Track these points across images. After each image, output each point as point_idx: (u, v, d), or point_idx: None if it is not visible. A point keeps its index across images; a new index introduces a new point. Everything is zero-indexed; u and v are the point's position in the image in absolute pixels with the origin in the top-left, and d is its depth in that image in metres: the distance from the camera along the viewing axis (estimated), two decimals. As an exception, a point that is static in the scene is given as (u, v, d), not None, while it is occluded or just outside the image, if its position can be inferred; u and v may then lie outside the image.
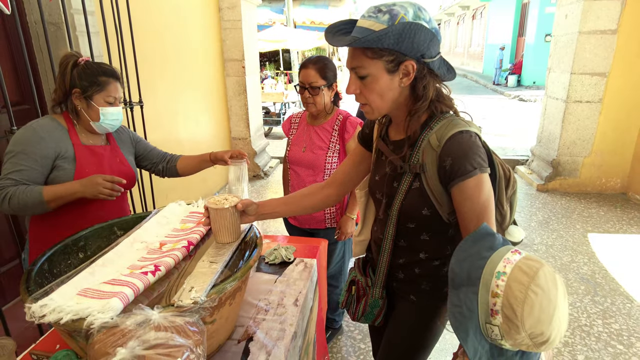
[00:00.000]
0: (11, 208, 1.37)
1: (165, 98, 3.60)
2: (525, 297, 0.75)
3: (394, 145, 1.15)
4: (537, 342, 0.77)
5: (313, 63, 1.85)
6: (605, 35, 4.25)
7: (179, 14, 3.78)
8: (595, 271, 3.08)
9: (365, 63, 0.99)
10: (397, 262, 1.21)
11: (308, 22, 13.74)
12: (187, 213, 1.34)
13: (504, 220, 1.15)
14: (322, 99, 1.86)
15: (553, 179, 4.78)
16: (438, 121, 1.05)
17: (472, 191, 0.99)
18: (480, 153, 1.00)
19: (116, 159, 1.67)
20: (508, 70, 15.57)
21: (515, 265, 0.80)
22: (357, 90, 1.04)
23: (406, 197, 1.09)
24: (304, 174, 1.98)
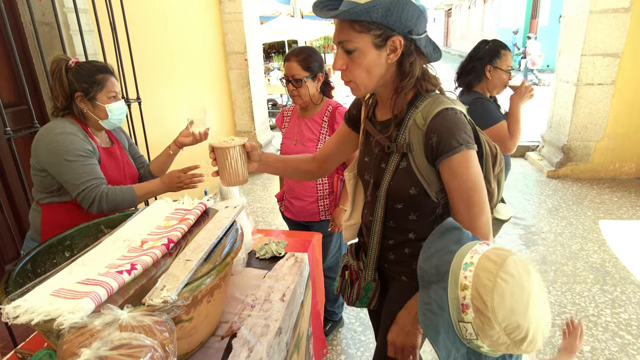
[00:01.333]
0: (107, 206, 1.49)
1: (165, 93, 3.60)
2: (494, 285, 0.70)
3: (380, 125, 1.15)
4: (515, 338, 0.71)
5: (295, 55, 1.82)
6: (618, 13, 4.09)
7: (177, 7, 3.77)
8: (605, 259, 3.00)
9: (353, 37, 0.97)
10: (387, 243, 1.21)
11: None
12: (172, 210, 1.34)
13: (492, 198, 1.15)
14: (306, 91, 1.84)
15: (564, 164, 4.67)
16: (423, 100, 1.05)
17: (459, 167, 0.99)
18: (466, 129, 1.00)
19: (124, 159, 1.72)
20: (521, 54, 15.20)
21: (482, 254, 0.76)
22: (344, 66, 1.02)
23: (393, 177, 1.09)
24: None
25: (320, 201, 2.00)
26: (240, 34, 4.68)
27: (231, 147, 1.09)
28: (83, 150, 1.48)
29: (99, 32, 2.26)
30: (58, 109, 1.54)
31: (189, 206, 1.33)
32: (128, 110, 2.53)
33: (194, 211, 1.27)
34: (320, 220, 2.03)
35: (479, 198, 1.02)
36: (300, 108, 1.99)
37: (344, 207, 1.95)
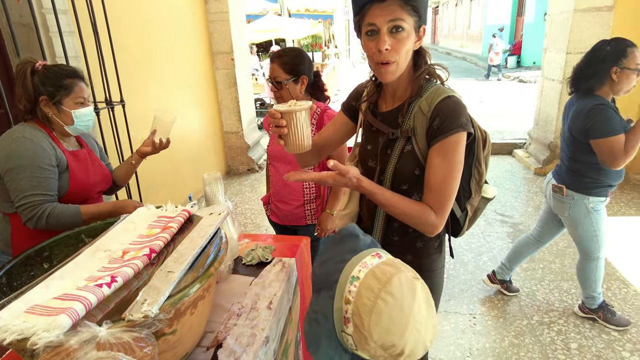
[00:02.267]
0: (48, 224, 1.42)
1: (150, 95, 3.55)
2: (373, 305, 0.69)
3: (382, 116, 1.23)
4: (392, 353, 0.70)
5: (277, 57, 1.78)
6: (602, 12, 4.13)
7: (162, 8, 3.71)
8: (591, 255, 3.03)
9: (405, 16, 1.03)
10: (392, 225, 1.27)
11: (303, 10, 13.55)
12: (155, 217, 1.30)
13: (481, 178, 1.26)
14: (287, 94, 1.79)
15: (551, 161, 4.71)
16: (426, 90, 1.14)
17: (449, 147, 1.08)
18: (465, 114, 1.10)
19: (95, 162, 1.67)
20: (507, 52, 15.35)
21: (370, 270, 0.74)
22: (390, 47, 1.05)
23: (399, 160, 1.17)
24: (282, 169, 1.94)
25: (306, 205, 1.98)
26: (227, 33, 4.63)
27: (298, 110, 1.05)
28: (41, 162, 1.42)
29: (80, 34, 2.21)
30: (21, 112, 1.49)
31: (172, 213, 1.29)
32: (111, 113, 2.50)
33: (177, 219, 1.24)
34: (306, 225, 2.01)
35: (452, 180, 1.10)
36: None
37: (331, 212, 1.93)
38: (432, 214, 1.11)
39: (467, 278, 2.84)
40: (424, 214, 1.11)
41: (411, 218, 1.13)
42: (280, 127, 1.09)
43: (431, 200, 1.11)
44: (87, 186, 1.59)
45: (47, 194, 1.43)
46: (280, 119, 1.07)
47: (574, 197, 2.14)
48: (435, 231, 1.14)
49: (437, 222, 1.12)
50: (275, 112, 1.08)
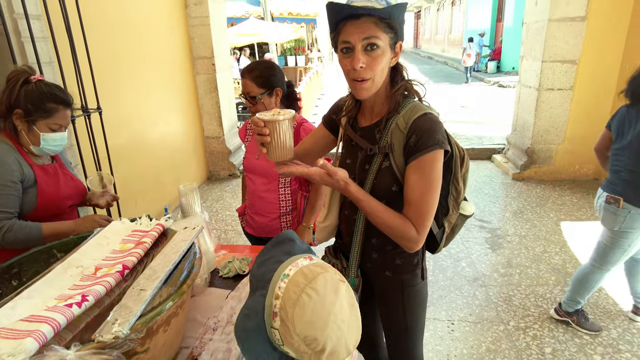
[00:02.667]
0: (4, 241, 1.38)
1: (129, 100, 3.50)
2: (297, 299, 0.74)
3: (362, 131, 1.24)
4: (314, 349, 0.74)
5: (248, 72, 1.77)
6: (575, 22, 4.26)
7: (140, 12, 3.67)
8: (566, 260, 3.11)
9: (380, 34, 1.04)
10: (370, 242, 1.28)
11: (285, 14, 13.55)
12: (129, 232, 1.29)
13: (459, 195, 1.27)
14: (263, 108, 1.78)
15: (528, 167, 4.82)
16: (404, 106, 1.15)
17: (426, 164, 1.09)
18: (441, 131, 1.11)
19: (67, 176, 1.64)
20: (488, 57, 15.64)
21: (299, 269, 0.79)
22: (364, 65, 1.06)
23: (377, 176, 1.17)
24: (258, 182, 1.93)
25: (282, 218, 1.98)
26: (207, 38, 4.59)
27: (281, 119, 1.05)
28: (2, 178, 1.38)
29: (54, 39, 2.16)
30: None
31: (146, 227, 1.28)
32: (88, 120, 2.45)
33: (151, 233, 1.22)
34: None
35: (431, 198, 1.11)
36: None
37: (307, 225, 1.94)
38: (413, 230, 1.12)
39: (445, 284, 2.87)
40: (405, 228, 1.12)
41: (393, 230, 1.13)
42: (263, 135, 1.08)
43: (411, 216, 1.12)
44: (58, 200, 1.55)
45: (6, 211, 1.39)
46: (264, 128, 1.07)
47: (630, 210, 2.06)
48: (415, 247, 1.15)
49: (418, 237, 1.13)
50: (259, 120, 1.07)
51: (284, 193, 1.93)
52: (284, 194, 1.93)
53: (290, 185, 1.93)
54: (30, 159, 1.49)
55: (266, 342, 0.77)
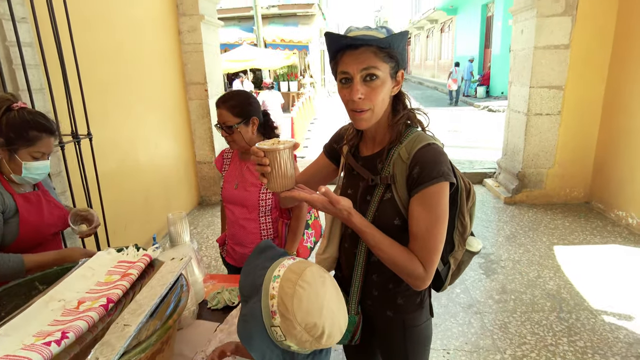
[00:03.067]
0: None
1: (121, 126, 3.49)
2: (294, 292, 0.81)
3: (364, 160, 1.19)
4: (314, 335, 0.82)
5: (223, 102, 1.77)
6: (559, 50, 4.37)
7: (134, 39, 3.70)
8: (560, 286, 3.09)
9: (379, 64, 1.02)
10: (370, 278, 1.21)
11: (278, 40, 13.81)
12: (115, 263, 1.25)
13: (465, 231, 1.21)
14: (240, 137, 1.78)
15: (519, 191, 4.85)
16: (407, 136, 1.11)
17: (431, 198, 1.04)
18: (446, 163, 1.06)
19: (50, 203, 1.60)
20: (477, 82, 15.97)
21: (287, 267, 0.87)
22: (363, 95, 1.04)
23: (378, 208, 1.12)
24: (237, 212, 1.89)
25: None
26: (200, 64, 4.64)
27: (282, 149, 1.01)
28: None
29: (45, 66, 2.16)
30: None
31: (133, 258, 1.24)
32: (77, 146, 2.43)
33: (138, 264, 1.19)
34: None
35: (438, 233, 1.05)
36: (241, 152, 1.93)
37: (290, 253, 1.89)
38: (420, 266, 1.05)
39: (440, 312, 2.83)
40: (411, 264, 1.05)
41: (398, 266, 1.07)
42: (262, 165, 1.05)
43: (417, 252, 1.06)
44: (41, 229, 1.51)
45: None
46: (263, 158, 1.04)
47: None
48: (422, 285, 1.08)
49: (425, 275, 1.06)
50: (258, 150, 1.04)
51: (264, 222, 1.90)
52: (265, 223, 1.90)
53: (271, 214, 1.90)
54: (11, 187, 1.45)
55: (269, 341, 0.84)
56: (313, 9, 16.02)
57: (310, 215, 2.06)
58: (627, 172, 4.19)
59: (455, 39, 20.90)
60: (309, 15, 16.15)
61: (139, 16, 3.81)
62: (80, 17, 2.78)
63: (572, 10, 4.27)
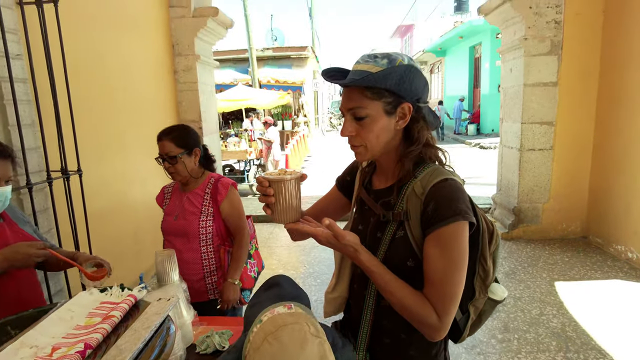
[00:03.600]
0: None
1: (112, 163, 3.44)
2: (259, 346, 0.77)
3: (375, 194, 1.12)
4: None
5: (166, 134, 1.85)
6: (548, 87, 4.48)
7: (129, 77, 3.73)
8: (565, 323, 2.98)
9: (365, 103, 0.98)
10: (381, 323, 1.10)
11: (273, 81, 14.12)
12: (97, 304, 1.17)
13: (487, 277, 1.09)
14: (183, 167, 1.85)
15: (516, 226, 4.80)
16: (423, 170, 1.04)
17: (448, 238, 0.95)
18: (465, 200, 0.98)
19: (18, 234, 1.49)
20: (467, 120, 16.30)
21: (274, 315, 0.82)
22: (353, 132, 1.02)
23: (390, 246, 1.03)
24: (178, 242, 1.90)
25: (207, 279, 1.92)
26: (195, 103, 4.67)
27: (287, 179, 0.98)
28: None
29: (37, 103, 2.15)
30: None
31: (116, 298, 1.16)
32: (66, 182, 2.37)
33: (122, 306, 1.10)
34: (209, 300, 1.93)
35: (455, 278, 0.96)
36: (182, 183, 1.98)
37: (233, 281, 1.88)
38: (434, 315, 0.95)
39: (442, 352, 2.70)
40: (424, 312, 0.95)
41: (410, 313, 0.97)
42: (267, 196, 1.01)
43: (432, 298, 0.96)
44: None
45: None
46: (268, 188, 1.00)
47: None
48: (436, 336, 0.98)
49: (440, 325, 0.96)
50: (264, 180, 1.01)
51: (206, 251, 1.90)
52: (207, 252, 1.90)
53: (213, 242, 1.91)
54: None
55: None
56: (307, 51, 16.51)
57: (251, 245, 2.07)
58: (622, 206, 4.18)
59: (445, 80, 21.52)
60: (303, 57, 16.62)
61: (135, 55, 3.86)
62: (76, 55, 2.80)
63: (558, 50, 4.41)
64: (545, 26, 4.36)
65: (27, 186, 2.07)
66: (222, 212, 1.92)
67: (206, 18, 4.54)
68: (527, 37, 4.38)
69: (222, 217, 1.93)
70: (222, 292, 1.90)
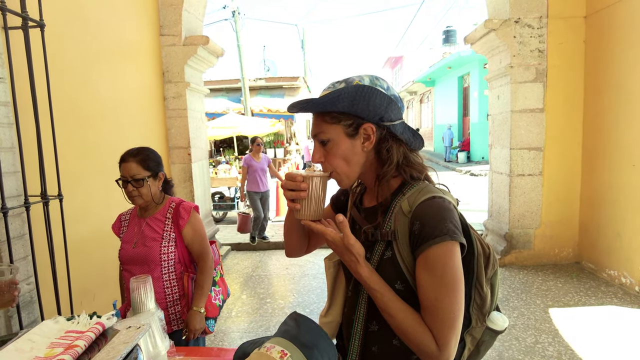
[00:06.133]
0: None
1: (97, 189, 3.37)
2: None
3: (366, 212, 1.09)
4: None
5: (133, 155, 1.80)
6: (535, 113, 4.54)
7: (118, 104, 3.71)
8: (561, 352, 2.89)
9: (325, 128, 0.99)
10: (370, 350, 1.03)
11: (265, 110, 14.26)
12: (61, 333, 1.09)
13: (484, 304, 1.03)
14: (148, 190, 1.79)
15: (508, 252, 4.75)
16: (411, 187, 1.00)
17: (436, 260, 0.89)
18: (452, 219, 0.92)
19: None
20: (457, 148, 16.50)
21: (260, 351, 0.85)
22: (322, 158, 1.02)
23: (378, 268, 0.98)
24: (137, 271, 1.78)
25: (170, 309, 1.83)
26: (184, 129, 4.65)
27: (317, 176, 0.98)
28: None
29: (17, 126, 2.10)
30: None
31: (83, 327, 1.08)
32: (45, 208, 2.29)
33: (87, 335, 1.03)
34: (172, 332, 1.83)
35: (450, 303, 0.88)
36: (140, 209, 1.91)
37: (198, 309, 1.80)
38: (434, 344, 0.89)
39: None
40: (423, 339, 0.89)
41: (409, 338, 0.92)
42: (299, 191, 0.99)
43: (429, 326, 0.90)
44: None
45: None
46: (302, 183, 0.99)
47: None
48: None
49: (439, 355, 0.89)
50: (297, 175, 1.00)
51: (168, 279, 1.81)
52: (169, 280, 1.82)
53: (175, 269, 1.83)
54: None
55: None
56: (298, 81, 16.79)
57: (216, 272, 2.00)
58: (612, 231, 4.17)
59: (435, 109, 21.89)
60: (295, 87, 16.88)
61: (125, 82, 3.86)
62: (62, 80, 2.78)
63: (543, 78, 4.50)
64: (529, 54, 4.47)
65: (2, 210, 1.99)
66: (184, 237, 1.85)
67: (197, 46, 4.59)
68: (513, 65, 4.48)
69: (185, 242, 1.86)
70: (187, 321, 1.80)
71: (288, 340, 0.90)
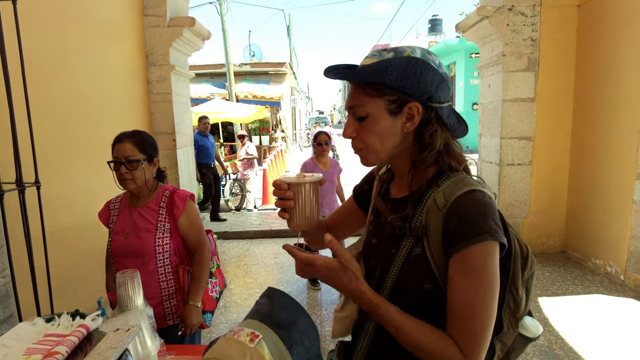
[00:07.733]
0: None
1: (78, 177, 3.22)
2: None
3: (393, 203, 0.98)
4: None
5: (129, 137, 1.69)
6: (526, 102, 4.52)
7: (98, 86, 3.53)
8: (552, 341, 2.91)
9: (365, 101, 0.87)
10: (379, 354, 0.94)
11: (250, 96, 14.01)
12: (39, 337, 0.98)
13: (518, 309, 0.93)
14: (142, 175, 1.68)
15: (497, 241, 4.76)
16: (447, 178, 0.89)
17: (475, 261, 0.79)
18: (494, 216, 0.82)
19: None
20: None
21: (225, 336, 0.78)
22: (354, 133, 0.91)
23: (404, 265, 0.88)
24: (131, 264, 1.67)
25: (165, 303, 1.74)
26: (169, 114, 4.48)
27: (308, 182, 0.92)
28: None
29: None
30: None
31: (65, 330, 0.98)
32: (21, 196, 2.15)
33: (70, 339, 0.93)
34: (167, 327, 1.75)
35: (484, 309, 0.80)
36: (131, 196, 1.80)
37: (195, 304, 1.72)
38: (458, 354, 0.79)
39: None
40: (446, 353, 0.79)
41: (427, 355, 0.81)
42: (285, 200, 0.92)
43: (456, 334, 0.81)
44: None
45: None
46: (287, 191, 0.92)
47: None
48: None
49: None
50: (282, 182, 0.93)
51: (164, 272, 1.73)
52: (164, 273, 1.73)
53: (171, 262, 1.74)
54: None
55: None
56: (284, 67, 16.50)
57: (212, 263, 1.91)
58: (598, 221, 4.21)
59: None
60: (281, 73, 16.60)
61: (106, 62, 3.67)
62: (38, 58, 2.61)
63: (534, 67, 4.47)
64: (522, 43, 4.42)
65: (-27, 199, 1.85)
66: (180, 227, 1.75)
67: (182, 28, 4.40)
68: (505, 54, 4.43)
69: (181, 233, 1.77)
70: (183, 316, 1.72)
71: (259, 321, 0.81)
